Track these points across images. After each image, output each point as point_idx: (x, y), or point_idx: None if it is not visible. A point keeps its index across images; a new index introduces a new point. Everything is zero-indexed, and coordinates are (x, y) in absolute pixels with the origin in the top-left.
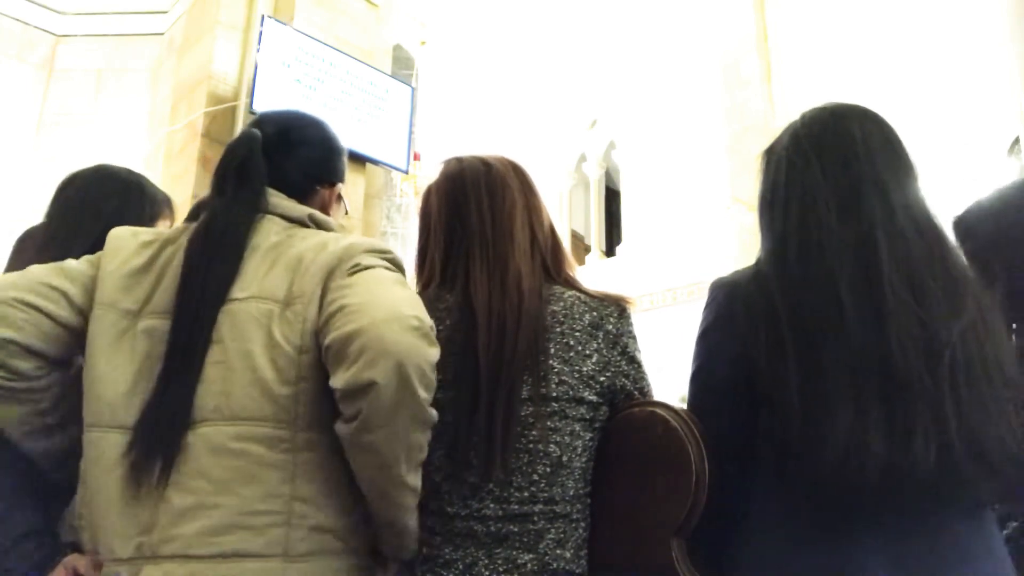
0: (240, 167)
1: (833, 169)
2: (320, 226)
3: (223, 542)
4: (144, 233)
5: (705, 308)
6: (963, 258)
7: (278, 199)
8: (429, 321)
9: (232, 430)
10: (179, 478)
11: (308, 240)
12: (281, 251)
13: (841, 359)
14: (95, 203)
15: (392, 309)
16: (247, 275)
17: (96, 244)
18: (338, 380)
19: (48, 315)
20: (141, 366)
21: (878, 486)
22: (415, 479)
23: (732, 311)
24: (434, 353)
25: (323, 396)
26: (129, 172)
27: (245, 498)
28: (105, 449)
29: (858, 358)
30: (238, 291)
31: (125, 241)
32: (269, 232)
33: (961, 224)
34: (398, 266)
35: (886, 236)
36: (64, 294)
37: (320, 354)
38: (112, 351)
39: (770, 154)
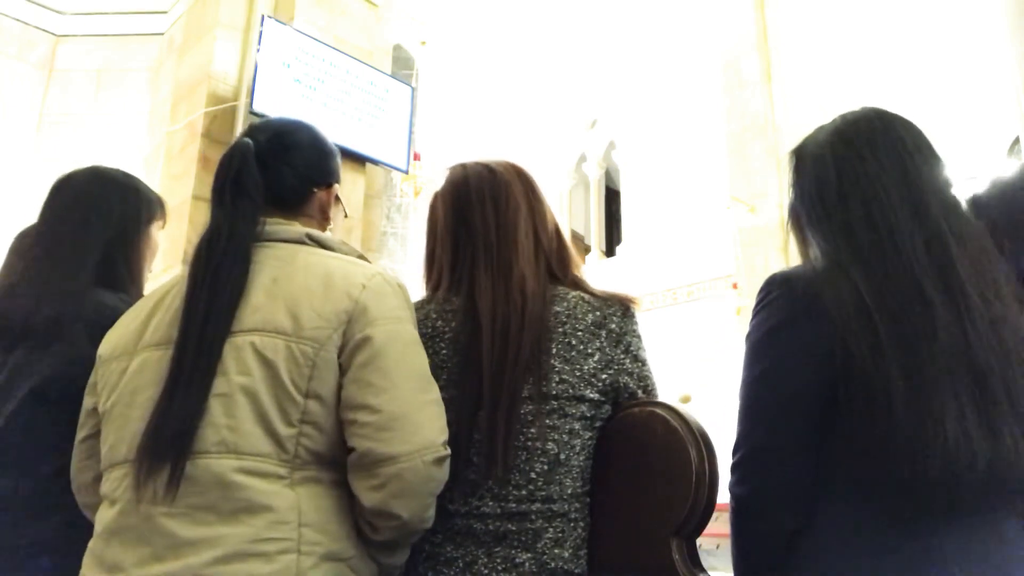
0: (236, 178)
1: (890, 166)
2: (319, 243)
3: (234, 571)
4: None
5: (767, 305)
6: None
7: (273, 225)
8: (447, 432)
9: (236, 463)
10: (183, 510)
11: (310, 265)
12: (282, 279)
13: (936, 355)
14: (99, 207)
15: (425, 437)
16: (250, 305)
17: (106, 253)
18: (365, 496)
19: None
20: (132, 400)
21: (982, 483)
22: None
23: (812, 304)
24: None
25: (323, 436)
26: (124, 174)
27: (254, 527)
28: (108, 485)
29: (949, 355)
30: (242, 322)
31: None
32: (268, 260)
33: (976, 203)
34: (402, 288)
35: (953, 237)
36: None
37: (326, 402)
38: (114, 394)
39: (802, 152)
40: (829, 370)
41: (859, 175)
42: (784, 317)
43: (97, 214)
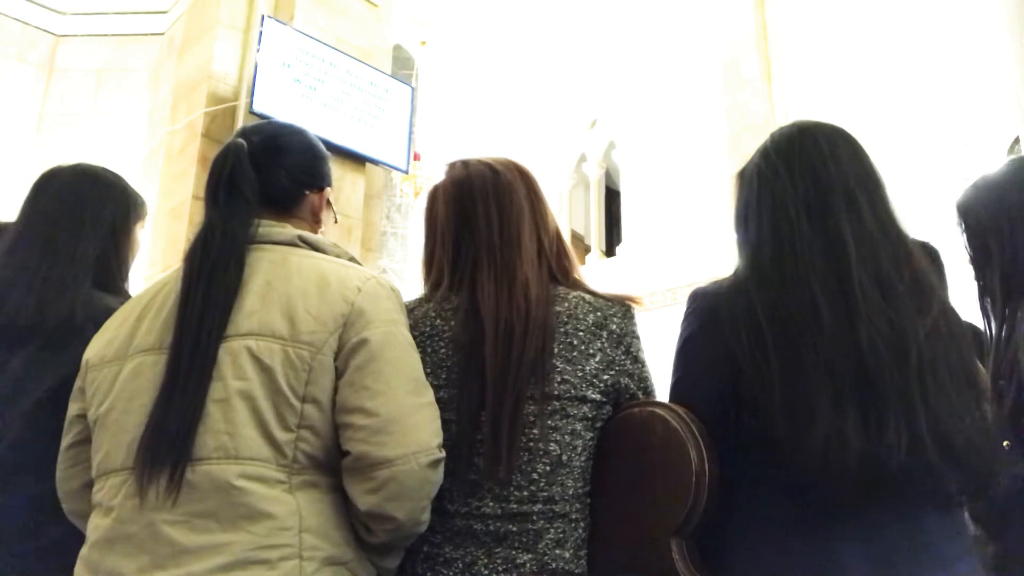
0: (229, 177)
1: (803, 179)
2: (312, 245)
3: None
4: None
5: (685, 318)
6: (926, 261)
7: (266, 227)
8: (441, 435)
9: (237, 468)
10: (183, 517)
11: (304, 268)
12: (276, 282)
13: (818, 357)
14: (92, 207)
15: (420, 440)
16: (244, 309)
17: (103, 252)
18: (360, 499)
19: None
20: (128, 406)
21: (856, 479)
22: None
23: (714, 318)
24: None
25: (321, 441)
26: (110, 172)
27: (256, 534)
28: (103, 493)
29: (833, 355)
30: (237, 326)
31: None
32: (261, 262)
33: (961, 206)
34: (396, 292)
35: (854, 239)
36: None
37: (323, 407)
38: (107, 400)
39: (743, 175)
40: (726, 380)
41: (772, 192)
42: (692, 331)
43: (91, 214)
